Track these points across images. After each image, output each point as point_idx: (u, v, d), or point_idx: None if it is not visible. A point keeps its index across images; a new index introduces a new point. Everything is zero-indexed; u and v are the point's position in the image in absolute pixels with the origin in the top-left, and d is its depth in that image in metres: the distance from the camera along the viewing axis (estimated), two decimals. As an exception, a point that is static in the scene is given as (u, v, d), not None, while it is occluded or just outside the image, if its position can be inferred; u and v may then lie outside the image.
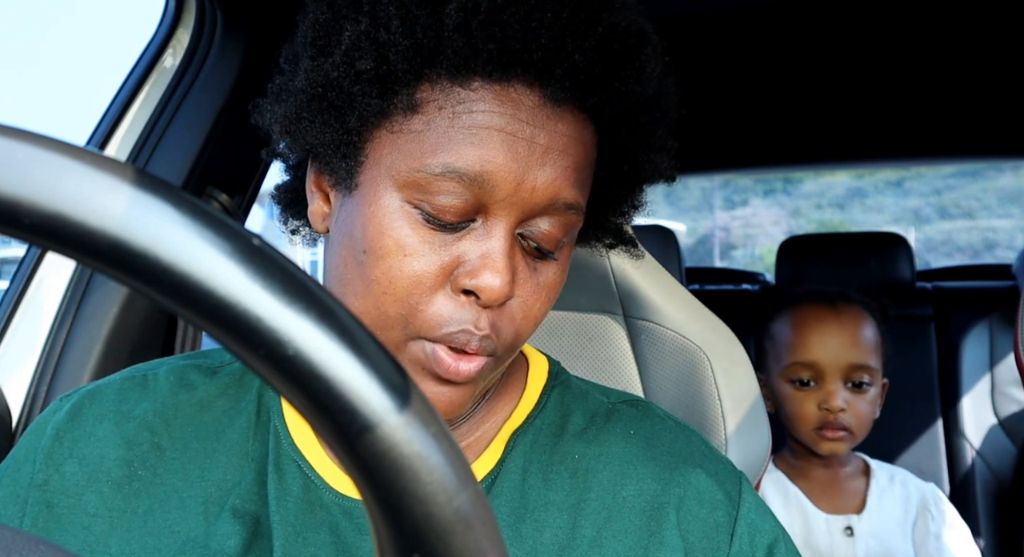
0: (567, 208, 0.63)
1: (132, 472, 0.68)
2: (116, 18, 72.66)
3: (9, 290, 1.24)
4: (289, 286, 0.26)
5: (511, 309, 0.63)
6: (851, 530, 1.57)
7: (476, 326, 0.60)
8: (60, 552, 0.30)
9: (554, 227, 0.63)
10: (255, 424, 0.70)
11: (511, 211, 0.61)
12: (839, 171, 11.42)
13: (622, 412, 0.76)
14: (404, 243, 0.60)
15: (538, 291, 0.64)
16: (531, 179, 0.60)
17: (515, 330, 0.63)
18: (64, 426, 0.70)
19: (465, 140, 0.60)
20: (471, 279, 0.60)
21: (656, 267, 1.06)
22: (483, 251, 0.61)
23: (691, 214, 17.60)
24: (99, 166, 0.25)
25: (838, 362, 1.55)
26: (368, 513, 0.28)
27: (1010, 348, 2.31)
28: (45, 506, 0.67)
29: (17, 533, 0.30)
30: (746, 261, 16.27)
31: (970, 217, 17.15)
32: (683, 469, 0.71)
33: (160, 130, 1.27)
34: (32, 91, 61.63)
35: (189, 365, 0.74)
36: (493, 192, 0.60)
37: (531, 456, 0.71)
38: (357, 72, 0.61)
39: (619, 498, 0.69)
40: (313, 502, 0.67)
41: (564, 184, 0.62)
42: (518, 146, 0.60)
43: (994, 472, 2.25)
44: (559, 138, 0.61)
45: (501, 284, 0.59)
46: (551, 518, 0.68)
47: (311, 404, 0.26)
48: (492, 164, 0.59)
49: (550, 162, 0.61)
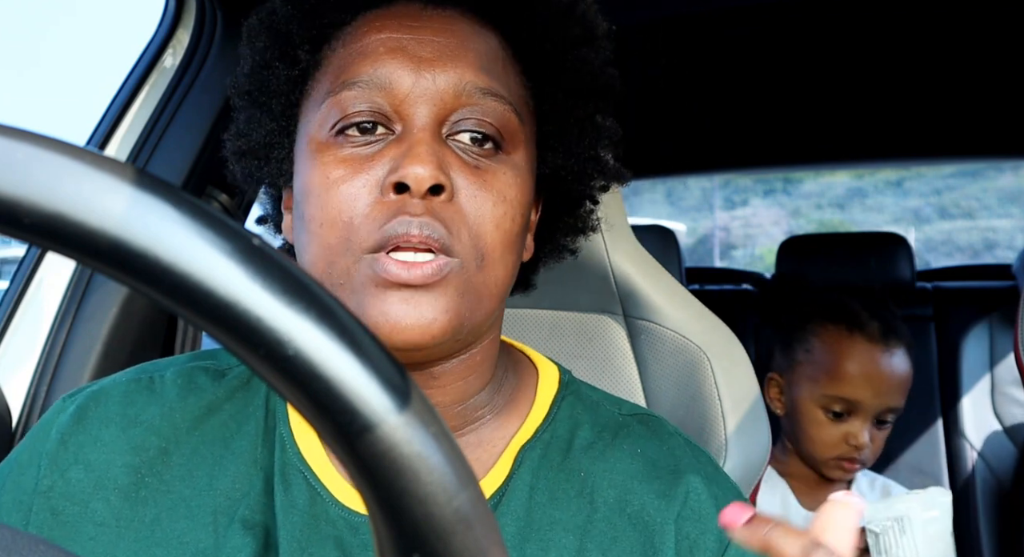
0: (483, 93, 0.63)
1: (139, 479, 0.66)
2: (116, 18, 72.52)
3: (9, 290, 1.24)
4: (289, 286, 0.26)
5: (460, 205, 0.61)
6: None
7: (410, 213, 0.59)
8: (60, 552, 0.30)
9: (478, 116, 0.63)
10: (263, 431, 0.69)
11: (422, 107, 0.62)
12: (839, 171, 11.42)
13: (631, 428, 0.74)
14: (329, 172, 0.62)
15: (486, 188, 0.62)
16: (429, 68, 0.63)
17: (472, 230, 0.62)
18: (69, 430, 0.68)
19: (356, 59, 0.64)
20: (395, 173, 0.60)
21: (656, 267, 1.06)
22: (403, 150, 0.61)
23: (691, 214, 17.60)
24: (99, 166, 0.25)
25: (877, 404, 1.55)
26: (368, 513, 0.28)
27: (1010, 348, 2.30)
28: (50, 513, 0.66)
29: (17, 533, 0.30)
30: (746, 261, 16.27)
31: (970, 217, 17.15)
32: (684, 485, 0.69)
33: (160, 130, 1.27)
34: (32, 91, 61.65)
35: (197, 367, 0.73)
36: (394, 89, 0.62)
37: (539, 472, 0.69)
38: (263, 59, 0.68)
39: (624, 517, 0.68)
40: (319, 515, 0.65)
41: (468, 67, 0.63)
42: (407, 45, 0.63)
43: (994, 472, 2.25)
44: (451, 35, 0.64)
45: (424, 168, 0.59)
46: (557, 538, 0.66)
47: (311, 404, 0.26)
48: (386, 65, 0.63)
49: (446, 52, 0.63)
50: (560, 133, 0.70)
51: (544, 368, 0.77)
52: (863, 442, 1.54)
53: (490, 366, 0.71)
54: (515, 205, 0.64)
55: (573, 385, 0.76)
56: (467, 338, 0.65)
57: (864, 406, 1.54)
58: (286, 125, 0.69)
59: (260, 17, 0.70)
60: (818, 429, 1.58)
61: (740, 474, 0.96)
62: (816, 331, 1.63)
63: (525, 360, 0.78)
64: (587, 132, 0.71)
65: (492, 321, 0.68)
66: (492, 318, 0.67)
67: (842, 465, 1.56)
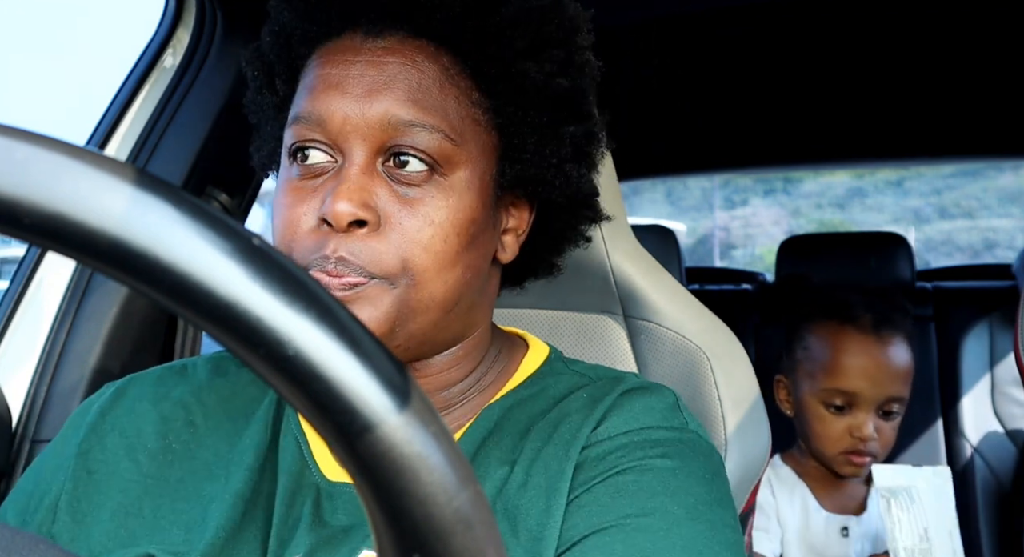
0: (408, 125, 0.67)
1: (167, 445, 0.75)
2: (116, 18, 72.32)
3: (9, 290, 1.24)
4: (289, 286, 0.26)
5: (385, 235, 0.66)
6: (847, 531, 1.58)
7: (328, 251, 0.65)
8: (60, 552, 0.30)
9: (410, 145, 0.67)
10: (277, 402, 0.76)
11: (356, 141, 0.67)
12: (839, 171, 11.43)
13: (596, 384, 0.76)
14: (281, 197, 0.70)
15: (412, 215, 0.67)
16: (357, 103, 0.67)
17: (401, 254, 0.66)
18: (108, 406, 0.77)
19: (302, 94, 0.70)
20: (321, 209, 0.66)
21: (656, 267, 1.06)
22: (335, 185, 0.66)
23: (691, 214, 17.60)
24: (99, 166, 0.25)
25: (876, 395, 1.54)
26: (368, 513, 0.28)
27: (1010, 348, 2.30)
28: (86, 472, 0.74)
29: (17, 533, 0.30)
30: (746, 261, 16.26)
31: (970, 217, 17.14)
32: (617, 403, 0.72)
33: (160, 130, 1.27)
34: (32, 91, 61.64)
35: (226, 356, 0.81)
36: (328, 124, 0.67)
37: (500, 424, 0.74)
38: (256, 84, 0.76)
39: (550, 444, 0.71)
40: (304, 479, 0.72)
41: (393, 102, 0.67)
42: (340, 81, 0.68)
43: (994, 472, 2.25)
44: (383, 67, 0.68)
45: (343, 207, 0.64)
46: (492, 471, 0.70)
47: (311, 404, 0.26)
48: (320, 102, 0.68)
49: (376, 87, 0.67)
50: (518, 144, 0.73)
51: (535, 347, 0.82)
52: (867, 433, 1.53)
53: (476, 357, 0.77)
54: (445, 227, 0.68)
55: (558, 361, 0.81)
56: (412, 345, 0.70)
57: (863, 397, 1.54)
58: (276, 146, 0.76)
59: (254, 47, 0.77)
60: (822, 424, 1.58)
61: (740, 474, 0.96)
62: (811, 327, 1.64)
63: (520, 343, 0.83)
64: (547, 142, 0.73)
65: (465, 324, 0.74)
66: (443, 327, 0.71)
67: (851, 460, 1.55)
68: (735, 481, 0.96)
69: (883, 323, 1.57)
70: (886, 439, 1.57)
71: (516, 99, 0.71)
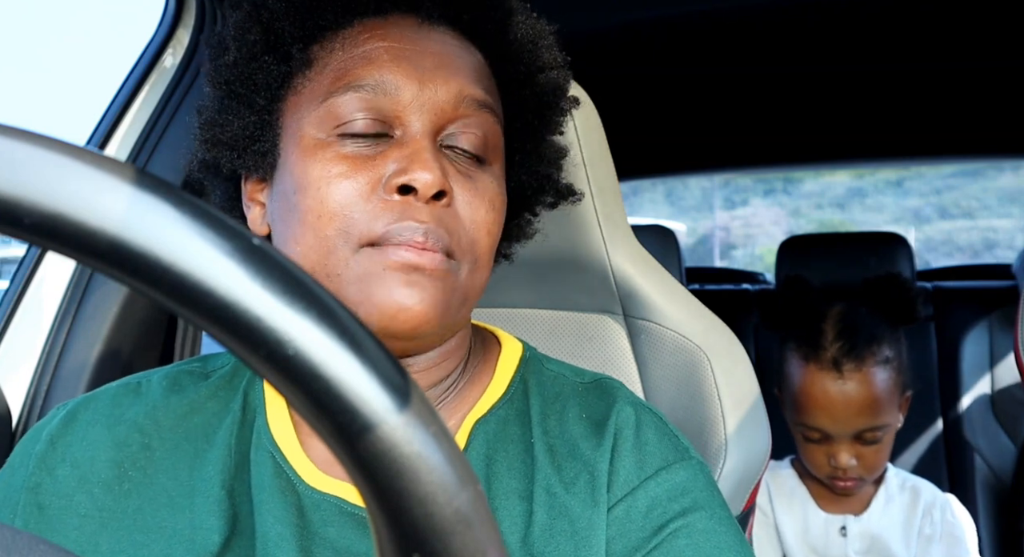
0: (479, 106, 0.66)
1: (122, 473, 0.69)
2: (116, 18, 72.34)
3: (9, 290, 1.24)
4: (289, 286, 0.26)
5: (457, 211, 0.64)
6: (845, 530, 1.58)
7: (417, 220, 0.61)
8: (60, 552, 0.30)
9: (473, 128, 0.66)
10: (240, 421, 0.71)
11: (423, 115, 0.65)
12: (839, 171, 11.42)
13: (584, 395, 0.75)
14: (329, 167, 0.64)
15: (479, 196, 0.66)
16: (431, 79, 0.65)
17: (468, 235, 0.65)
18: (58, 432, 0.71)
19: (359, 63, 0.65)
20: (402, 176, 0.62)
21: (656, 267, 1.06)
22: (407, 154, 0.63)
23: (691, 214, 17.57)
24: (99, 166, 0.25)
25: (844, 430, 1.51)
26: (368, 513, 0.28)
27: (1010, 348, 2.30)
28: (36, 508, 0.68)
29: (17, 533, 0.30)
30: (746, 261, 16.25)
31: (970, 217, 17.13)
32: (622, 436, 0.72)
33: (160, 130, 1.27)
34: (32, 91, 61.59)
35: (183, 371, 0.76)
36: (398, 96, 0.64)
37: (496, 445, 0.71)
38: (251, 52, 0.68)
39: (564, 479, 0.69)
40: (285, 493, 0.68)
41: (466, 81, 0.66)
42: (410, 55, 0.66)
43: (994, 472, 2.25)
44: (447, 47, 0.67)
45: (432, 174, 0.61)
46: (512, 506, 0.68)
47: (311, 404, 0.26)
48: (390, 72, 0.65)
49: (445, 64, 0.66)
50: (525, 151, 0.74)
51: (507, 344, 0.79)
52: (843, 464, 1.51)
53: (458, 356, 0.74)
54: (500, 213, 0.68)
55: (534, 362, 0.78)
56: (444, 333, 0.69)
57: (831, 432, 1.52)
58: (268, 119, 0.69)
59: (249, 10, 0.70)
60: (805, 451, 1.58)
61: (740, 474, 0.96)
62: (786, 355, 1.61)
63: (491, 338, 0.81)
64: (546, 152, 0.75)
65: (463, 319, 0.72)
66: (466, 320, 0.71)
67: (836, 484, 1.55)
68: (735, 481, 0.96)
69: (848, 356, 1.52)
70: (870, 463, 1.54)
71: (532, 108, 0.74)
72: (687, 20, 1.85)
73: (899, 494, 1.61)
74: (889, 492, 1.61)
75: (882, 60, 2.09)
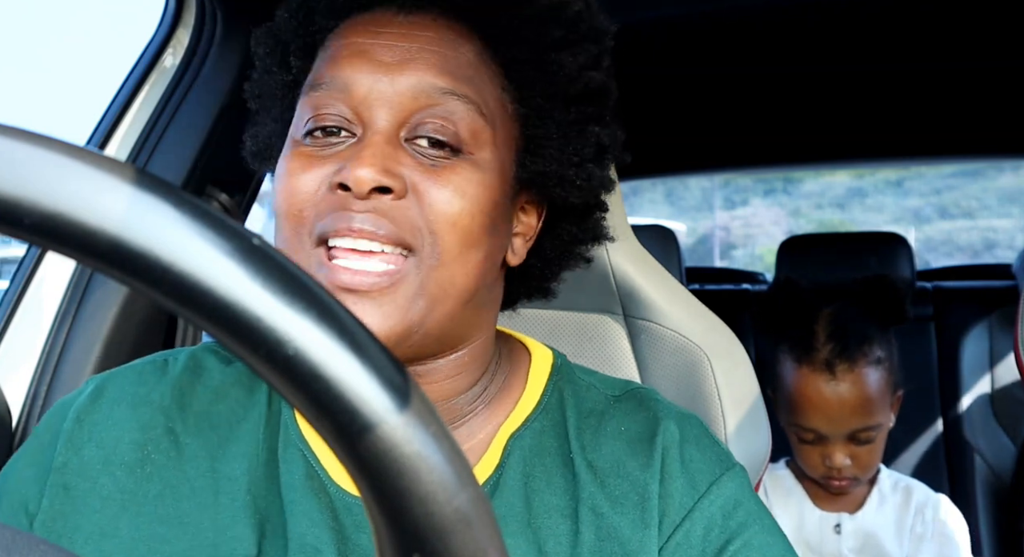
0: (444, 93, 0.64)
1: (145, 456, 0.69)
2: (116, 18, 72.19)
3: (9, 290, 1.24)
4: (289, 286, 0.26)
5: (412, 203, 0.62)
6: (839, 527, 1.59)
7: (351, 209, 0.61)
8: (60, 552, 0.30)
9: (438, 118, 0.64)
10: (267, 414, 0.70)
11: (380, 111, 0.64)
12: (839, 171, 11.42)
13: (620, 407, 0.74)
14: (291, 166, 0.65)
15: (441, 184, 0.63)
16: (388, 72, 0.64)
17: (428, 226, 0.62)
18: (85, 409, 0.71)
19: (324, 63, 0.67)
20: (339, 174, 0.62)
21: (656, 267, 1.06)
22: (355, 151, 0.63)
23: (691, 214, 17.57)
24: (99, 166, 0.25)
25: (838, 430, 1.52)
26: (368, 512, 0.28)
27: (1010, 348, 2.30)
28: (63, 488, 0.68)
29: (17, 533, 0.30)
30: (746, 261, 16.24)
31: (970, 217, 17.13)
32: (669, 455, 0.70)
33: (160, 130, 1.27)
34: (32, 91, 61.60)
35: (208, 349, 0.75)
36: (352, 93, 0.64)
37: (532, 460, 0.70)
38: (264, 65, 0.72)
39: (611, 497, 0.68)
40: (318, 494, 0.67)
41: (429, 70, 0.64)
42: (370, 50, 0.65)
43: (994, 472, 2.25)
44: (416, 39, 0.65)
45: (366, 170, 0.60)
46: (554, 525, 0.67)
47: (311, 404, 0.26)
48: (343, 69, 0.65)
49: (410, 57, 0.65)
50: (542, 137, 0.70)
51: (537, 353, 0.77)
52: (837, 464, 1.52)
53: (481, 364, 0.72)
54: (474, 202, 0.64)
55: (566, 369, 0.77)
56: (441, 337, 0.66)
57: (826, 433, 1.52)
58: (283, 127, 0.71)
59: (266, 26, 0.74)
60: (799, 452, 1.59)
61: (740, 474, 0.97)
62: (779, 356, 1.61)
63: (520, 347, 0.78)
64: (571, 139, 0.70)
65: (473, 325, 0.69)
66: (457, 321, 0.66)
67: (830, 484, 1.56)
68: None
69: (840, 357, 1.52)
70: (864, 463, 1.55)
71: (546, 89, 0.69)
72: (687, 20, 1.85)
73: (892, 494, 1.62)
74: (882, 492, 1.62)
75: (882, 60, 2.09)
